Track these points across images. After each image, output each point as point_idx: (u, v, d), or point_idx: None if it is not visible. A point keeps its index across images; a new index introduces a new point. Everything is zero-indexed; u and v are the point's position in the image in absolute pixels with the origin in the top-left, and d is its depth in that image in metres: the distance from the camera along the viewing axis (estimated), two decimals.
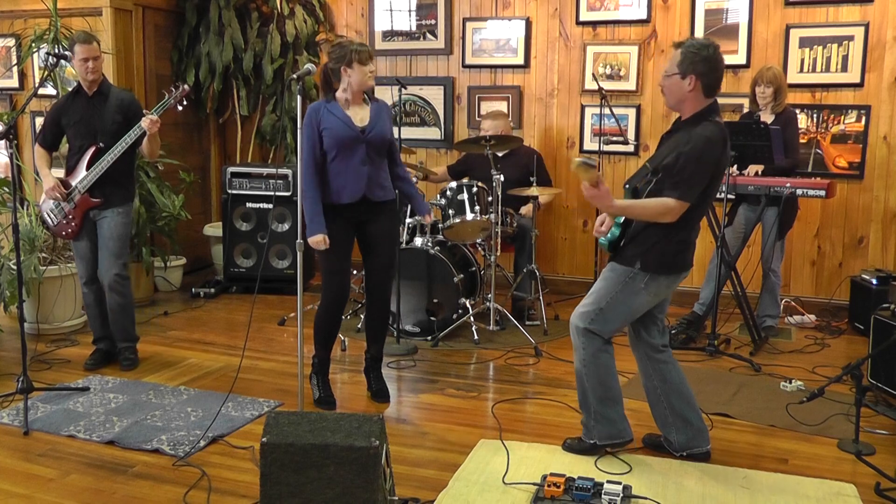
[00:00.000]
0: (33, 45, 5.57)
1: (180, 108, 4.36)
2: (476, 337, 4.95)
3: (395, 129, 4.46)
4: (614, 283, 3.16)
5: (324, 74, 3.83)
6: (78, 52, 4.24)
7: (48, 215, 4.40)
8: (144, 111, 4.21)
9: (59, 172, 4.45)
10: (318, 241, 3.72)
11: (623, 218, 3.17)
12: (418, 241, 5.10)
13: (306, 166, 3.71)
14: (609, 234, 3.20)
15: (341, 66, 3.76)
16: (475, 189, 5.08)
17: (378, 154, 3.87)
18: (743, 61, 5.65)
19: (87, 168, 4.27)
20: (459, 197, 5.07)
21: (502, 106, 6.23)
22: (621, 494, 2.86)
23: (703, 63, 3.03)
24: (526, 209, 5.52)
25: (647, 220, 3.08)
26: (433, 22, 6.44)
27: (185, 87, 4.34)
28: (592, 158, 3.00)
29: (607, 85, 5.93)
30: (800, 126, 5.42)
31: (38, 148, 4.44)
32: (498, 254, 5.07)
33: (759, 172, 4.87)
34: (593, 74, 6.00)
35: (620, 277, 3.14)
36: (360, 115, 3.83)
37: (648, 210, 3.05)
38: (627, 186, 3.19)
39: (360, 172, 3.82)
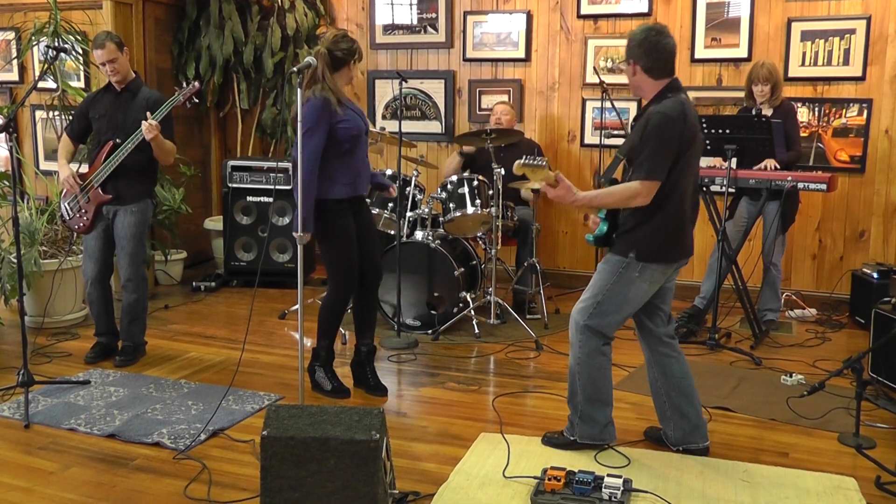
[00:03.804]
0: (33, 38, 5.56)
1: (189, 105, 4.36)
2: (477, 331, 4.95)
3: (395, 123, 4.47)
4: (609, 273, 3.16)
5: (333, 60, 3.72)
6: (95, 57, 4.29)
7: (66, 208, 4.41)
8: (147, 114, 4.18)
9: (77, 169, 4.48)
10: (309, 237, 3.66)
11: (605, 211, 3.18)
12: (419, 234, 5.10)
13: (315, 161, 3.67)
14: (597, 231, 3.21)
15: (351, 60, 3.76)
16: (476, 182, 5.08)
17: None
18: (745, 55, 5.65)
19: (102, 163, 4.28)
20: (460, 190, 5.07)
21: (503, 99, 6.22)
22: (622, 488, 2.86)
23: (637, 47, 3.08)
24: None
25: (617, 206, 3.10)
26: (434, 15, 6.42)
27: (195, 84, 4.32)
28: (539, 159, 2.98)
29: (608, 78, 5.92)
30: (801, 119, 5.42)
31: (64, 137, 4.49)
32: (499, 247, 5.07)
33: (770, 167, 4.85)
34: (594, 68, 5.99)
35: (615, 268, 3.14)
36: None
37: (615, 196, 3.04)
38: (603, 180, 3.20)
39: (366, 163, 3.94)
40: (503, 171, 4.95)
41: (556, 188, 3.01)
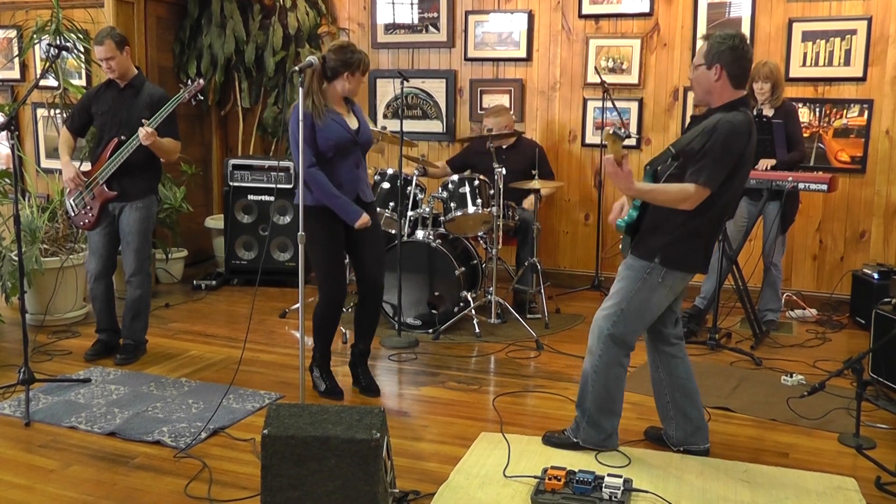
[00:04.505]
0: (35, 36, 5.57)
1: (194, 102, 4.35)
2: (477, 330, 4.95)
3: (396, 123, 4.45)
4: (633, 280, 3.12)
5: (324, 69, 3.73)
6: (95, 53, 4.31)
7: (71, 205, 4.41)
8: (143, 121, 4.18)
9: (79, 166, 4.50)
10: (366, 220, 3.78)
11: (640, 201, 3.14)
12: (420, 233, 5.10)
13: (310, 162, 3.68)
14: (626, 217, 3.17)
15: (346, 71, 3.73)
16: (477, 182, 5.08)
17: (363, 155, 3.96)
18: None
19: (107, 160, 4.29)
20: (461, 190, 5.07)
21: (504, 99, 6.22)
22: (622, 488, 2.86)
23: (729, 52, 3.01)
24: (528, 202, 5.52)
25: (666, 205, 3.02)
26: (435, 15, 6.42)
27: (200, 81, 4.31)
28: (624, 131, 2.95)
29: (609, 78, 5.93)
30: (802, 120, 5.41)
31: (64, 131, 4.48)
32: (499, 247, 5.07)
33: (769, 167, 4.84)
34: (595, 68, 5.99)
35: (639, 273, 3.11)
36: (349, 118, 3.85)
37: (669, 195, 3.00)
38: (648, 168, 3.15)
39: (354, 174, 3.88)
40: (504, 171, 4.95)
41: (620, 170, 2.94)
